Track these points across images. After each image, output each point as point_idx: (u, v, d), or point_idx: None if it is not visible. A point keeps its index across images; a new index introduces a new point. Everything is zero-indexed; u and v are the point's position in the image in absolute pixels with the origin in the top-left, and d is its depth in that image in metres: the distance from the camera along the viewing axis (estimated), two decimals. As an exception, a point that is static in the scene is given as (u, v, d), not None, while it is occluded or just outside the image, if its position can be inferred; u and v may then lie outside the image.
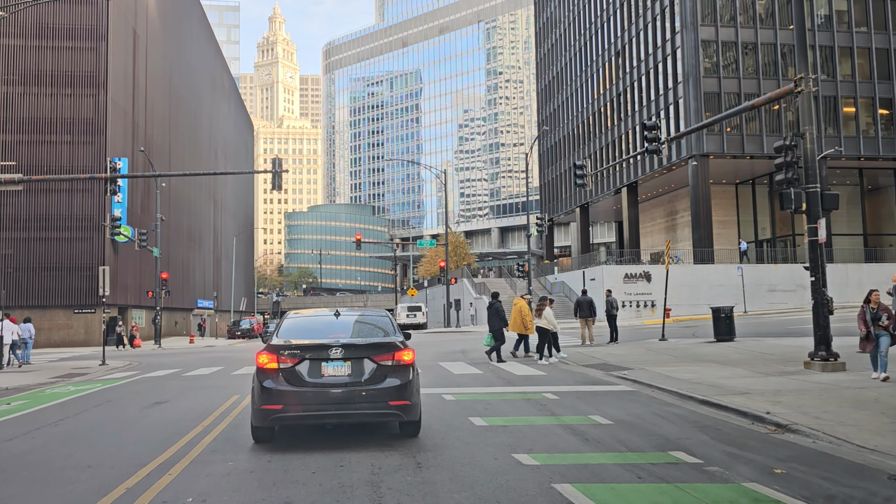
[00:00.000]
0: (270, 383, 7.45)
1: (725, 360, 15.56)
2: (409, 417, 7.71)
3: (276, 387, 7.41)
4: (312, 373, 7.45)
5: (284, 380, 7.44)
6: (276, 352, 7.59)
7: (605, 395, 11.24)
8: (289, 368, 7.47)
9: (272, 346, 7.75)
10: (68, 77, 42.36)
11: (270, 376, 7.49)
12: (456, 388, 12.31)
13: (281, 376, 7.45)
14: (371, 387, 7.45)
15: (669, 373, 13.67)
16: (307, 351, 7.56)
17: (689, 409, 9.86)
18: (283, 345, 7.68)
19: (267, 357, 7.64)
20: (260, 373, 7.64)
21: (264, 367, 7.59)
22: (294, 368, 7.47)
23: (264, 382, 7.49)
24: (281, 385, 7.40)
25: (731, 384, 11.83)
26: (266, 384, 7.46)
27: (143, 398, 12.36)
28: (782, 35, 48.31)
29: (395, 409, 7.52)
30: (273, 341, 7.94)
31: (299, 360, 7.50)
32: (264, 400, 7.43)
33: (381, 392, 7.46)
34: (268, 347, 7.83)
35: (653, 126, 19.48)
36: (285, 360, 7.50)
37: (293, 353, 7.54)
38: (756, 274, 43.51)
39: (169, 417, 9.94)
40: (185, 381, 15.27)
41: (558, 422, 8.78)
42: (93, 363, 22.71)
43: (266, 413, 7.44)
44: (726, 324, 19.46)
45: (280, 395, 7.36)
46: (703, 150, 46.50)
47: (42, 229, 41.58)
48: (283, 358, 7.52)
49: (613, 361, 16.13)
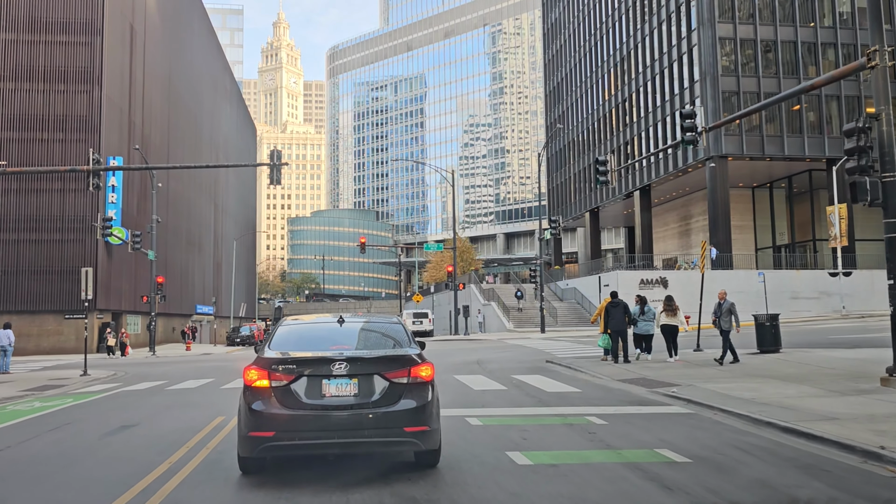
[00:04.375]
0: (260, 405, 6.07)
1: (782, 375, 13.69)
2: (427, 446, 6.25)
3: (266, 409, 6.04)
4: (311, 392, 6.09)
5: (277, 401, 6.05)
6: (268, 366, 6.19)
7: (660, 420, 9.38)
8: (283, 387, 6.09)
9: (263, 360, 6.29)
10: (61, 73, 40.72)
11: (260, 396, 6.11)
12: (480, 408, 10.47)
13: (273, 396, 6.08)
14: (382, 409, 6.07)
15: (724, 390, 11.82)
16: (305, 365, 6.17)
17: (771, 440, 8.01)
18: (277, 358, 6.29)
19: (257, 373, 6.17)
20: (248, 392, 6.19)
21: (253, 385, 6.18)
22: (289, 387, 6.09)
23: (253, 404, 6.10)
24: (273, 407, 6.03)
25: (805, 406, 9.97)
26: (255, 406, 6.08)
27: (111, 419, 10.52)
28: (803, 32, 46.55)
29: (411, 436, 6.13)
30: (265, 353, 6.43)
31: (295, 377, 6.11)
32: (253, 425, 6.06)
33: (395, 416, 6.08)
34: (258, 361, 6.33)
35: (689, 114, 17.70)
36: (279, 377, 6.12)
37: (288, 368, 6.16)
38: (777, 280, 41.57)
39: (134, 447, 8.10)
40: (166, 397, 13.45)
41: (620, 459, 6.93)
42: (74, 373, 20.89)
43: (255, 441, 6.05)
44: (771, 333, 17.58)
45: (272, 420, 6.00)
46: (721, 152, 44.65)
47: (31, 231, 39.85)
48: (275, 374, 6.13)
49: (652, 376, 14.27)
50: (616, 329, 16.92)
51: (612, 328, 16.93)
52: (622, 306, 16.93)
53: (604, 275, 43.69)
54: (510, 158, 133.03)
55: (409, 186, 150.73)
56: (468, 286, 54.99)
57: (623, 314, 16.86)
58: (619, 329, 16.94)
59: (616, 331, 16.95)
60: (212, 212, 72.28)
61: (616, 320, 16.81)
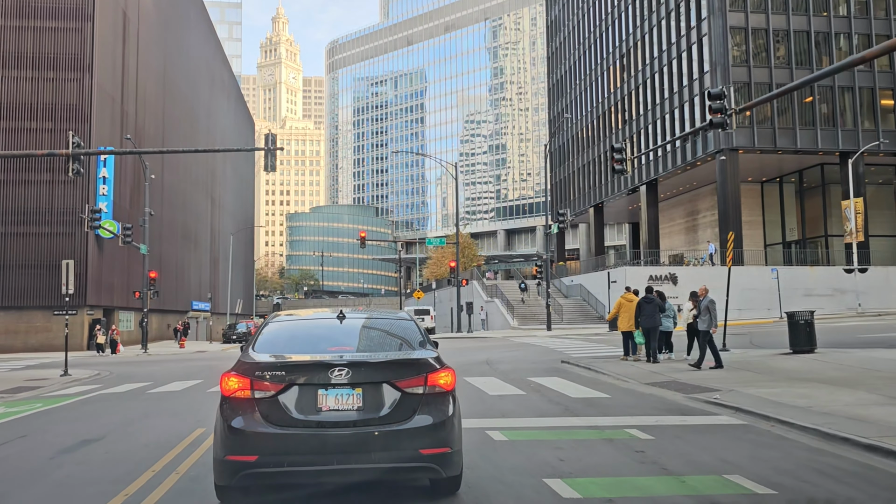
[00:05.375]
0: (241, 422, 4.82)
1: (826, 378, 12.36)
2: (448, 473, 5.03)
3: (248, 427, 4.79)
4: (304, 405, 4.84)
5: (262, 416, 4.82)
6: (251, 373, 4.93)
7: (712, 434, 8.03)
8: (269, 399, 4.84)
9: (245, 365, 5.05)
10: (50, 59, 39.26)
11: (241, 411, 4.86)
12: (500, 418, 9.11)
13: (257, 411, 4.83)
14: (393, 427, 4.83)
15: (771, 396, 10.49)
16: (297, 372, 4.93)
17: (856, 461, 6.67)
18: (262, 363, 5.03)
19: (237, 381, 4.93)
20: (226, 405, 4.95)
21: (233, 397, 4.93)
22: (276, 399, 4.84)
23: (232, 420, 4.85)
24: (257, 424, 4.79)
25: (876, 417, 8.63)
26: (234, 423, 4.83)
27: (75, 430, 9.12)
28: (816, 22, 45.17)
29: (428, 460, 4.88)
30: (248, 357, 5.11)
31: (285, 387, 4.85)
32: (231, 447, 4.81)
33: (409, 435, 4.84)
34: (239, 366, 5.02)
35: (718, 94, 16.34)
36: (264, 386, 4.86)
37: (276, 374, 4.89)
38: (790, 277, 40.26)
39: (88, 469, 6.72)
40: (145, 402, 12.09)
41: (687, 490, 5.58)
42: (55, 373, 19.54)
43: (233, 467, 4.78)
44: (806, 332, 16.21)
45: (255, 441, 4.75)
46: (732, 144, 43.27)
47: (19, 224, 38.44)
48: (260, 382, 4.87)
49: (684, 379, 12.93)
50: (649, 326, 15.64)
51: (645, 325, 15.64)
52: (655, 303, 15.67)
53: (613, 271, 42.31)
54: (510, 154, 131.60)
55: (408, 182, 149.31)
56: (471, 282, 53.67)
57: (656, 310, 15.58)
58: (652, 326, 15.66)
59: (648, 328, 15.67)
60: (208, 206, 70.84)
61: (649, 316, 15.54)
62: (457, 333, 42.78)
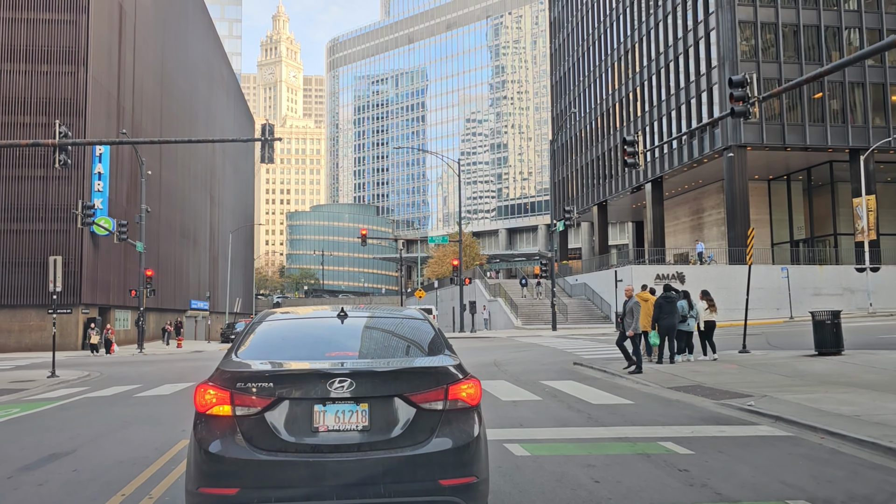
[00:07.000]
0: (218, 445, 3.80)
1: (864, 382, 11.50)
2: None
3: (227, 452, 3.77)
4: (297, 425, 3.83)
5: (244, 438, 3.80)
6: (232, 385, 3.88)
7: (759, 447, 7.16)
8: (253, 417, 3.82)
9: (225, 374, 3.97)
10: (44, 52, 38.39)
11: (219, 431, 3.84)
12: (518, 428, 8.22)
13: (239, 432, 3.81)
14: (406, 451, 3.83)
15: (810, 402, 9.63)
16: (288, 383, 3.89)
17: (933, 482, 5.81)
18: (245, 372, 3.95)
19: (215, 394, 3.90)
20: (201, 423, 3.92)
21: (209, 414, 3.90)
22: (262, 417, 3.81)
23: (208, 444, 3.82)
24: (238, 449, 3.78)
25: (935, 427, 7.77)
26: (211, 447, 3.80)
27: (45, 442, 8.21)
28: (826, 16, 44.29)
29: (449, 492, 3.82)
30: (230, 364, 4.07)
31: (273, 402, 3.83)
32: (206, 477, 3.79)
33: (426, 462, 3.83)
34: (217, 376, 3.98)
35: (740, 82, 15.49)
36: (247, 401, 3.83)
37: (262, 387, 3.85)
38: (799, 276, 39.43)
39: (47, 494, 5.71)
40: (129, 408, 11.22)
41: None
42: (42, 374, 18.67)
43: (209, 501, 3.78)
44: (832, 333, 15.36)
45: (235, 469, 3.73)
46: (739, 141, 42.40)
47: (13, 221, 37.58)
48: (242, 396, 3.84)
49: (709, 383, 12.06)
50: (668, 326, 14.76)
51: (664, 325, 14.75)
52: (675, 301, 14.79)
53: (620, 269, 41.43)
54: (511, 153, 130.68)
55: (409, 181, 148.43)
56: (473, 281, 52.82)
57: (676, 309, 14.72)
58: (671, 326, 14.80)
59: (667, 328, 14.79)
60: (207, 204, 69.96)
61: (669, 316, 14.67)
62: (460, 333, 41.92)
